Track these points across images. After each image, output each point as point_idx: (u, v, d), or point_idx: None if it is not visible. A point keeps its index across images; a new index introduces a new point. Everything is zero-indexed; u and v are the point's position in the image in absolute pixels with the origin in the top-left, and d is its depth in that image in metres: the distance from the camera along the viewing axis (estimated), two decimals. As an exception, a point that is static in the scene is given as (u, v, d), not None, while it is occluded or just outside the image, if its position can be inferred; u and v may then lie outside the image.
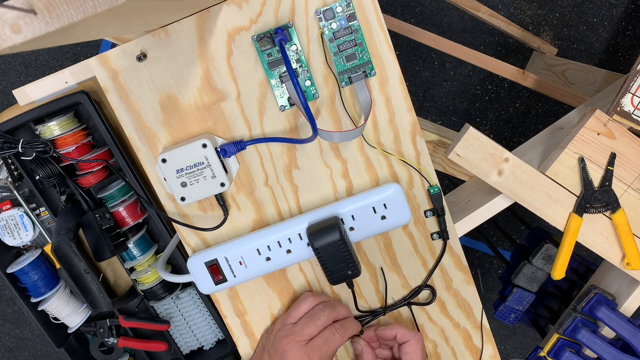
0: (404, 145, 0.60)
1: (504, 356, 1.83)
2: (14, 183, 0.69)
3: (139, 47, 0.55)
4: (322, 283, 0.64)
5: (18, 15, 0.24)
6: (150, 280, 0.71)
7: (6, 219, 0.69)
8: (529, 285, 1.00)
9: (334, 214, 0.59)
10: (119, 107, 0.57)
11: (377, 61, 0.57)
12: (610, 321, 0.69)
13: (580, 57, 1.56)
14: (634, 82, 0.65)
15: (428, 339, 0.67)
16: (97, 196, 0.68)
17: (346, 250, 0.57)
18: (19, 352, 1.94)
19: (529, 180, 0.64)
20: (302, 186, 0.61)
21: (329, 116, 0.58)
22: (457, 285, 0.65)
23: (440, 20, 1.57)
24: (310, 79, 0.57)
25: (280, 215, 0.62)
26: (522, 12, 1.54)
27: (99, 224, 0.65)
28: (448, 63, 1.59)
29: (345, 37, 0.55)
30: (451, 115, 1.64)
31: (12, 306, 1.89)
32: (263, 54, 0.56)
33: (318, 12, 0.54)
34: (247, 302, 0.65)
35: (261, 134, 0.59)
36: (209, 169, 0.57)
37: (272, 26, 0.55)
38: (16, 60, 1.64)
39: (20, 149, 0.61)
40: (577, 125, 0.66)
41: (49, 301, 0.71)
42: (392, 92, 0.58)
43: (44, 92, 0.61)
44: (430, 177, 0.61)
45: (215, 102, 0.58)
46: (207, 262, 0.60)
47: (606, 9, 1.52)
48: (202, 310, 0.76)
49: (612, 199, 0.66)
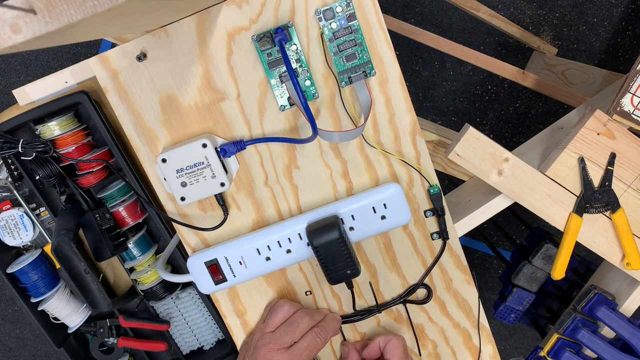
0: (404, 145, 0.60)
1: (504, 356, 1.83)
2: (14, 183, 0.69)
3: (139, 47, 0.55)
4: (322, 283, 0.64)
5: (18, 15, 0.24)
6: (150, 280, 0.71)
7: (6, 219, 0.69)
8: (529, 285, 1.01)
9: (333, 214, 0.59)
10: (119, 107, 0.57)
11: (377, 61, 0.57)
12: (610, 321, 0.69)
13: (580, 57, 1.56)
14: (634, 82, 0.65)
15: (428, 338, 0.67)
16: (97, 196, 0.68)
17: (345, 250, 0.57)
18: (19, 352, 1.94)
19: (529, 180, 0.64)
20: (302, 186, 0.61)
21: (329, 116, 0.58)
22: (457, 285, 0.65)
23: (440, 20, 1.57)
24: (310, 79, 0.57)
25: (280, 215, 0.62)
26: (522, 12, 1.54)
27: (99, 224, 0.66)
28: (448, 63, 1.59)
29: (345, 37, 0.55)
30: (451, 115, 1.64)
31: (12, 306, 1.89)
32: (263, 53, 0.56)
33: (318, 12, 0.54)
34: (247, 302, 0.65)
35: (261, 133, 0.59)
36: (209, 168, 0.57)
37: (272, 26, 0.55)
38: (16, 60, 1.64)
39: (20, 149, 0.61)
40: (577, 125, 0.66)
41: (49, 301, 0.72)
42: (392, 92, 0.58)
43: (44, 92, 0.61)
44: (430, 177, 0.61)
45: (215, 102, 0.58)
46: (207, 262, 0.60)
47: (606, 9, 1.52)
48: (202, 310, 0.76)
49: (612, 199, 0.66)
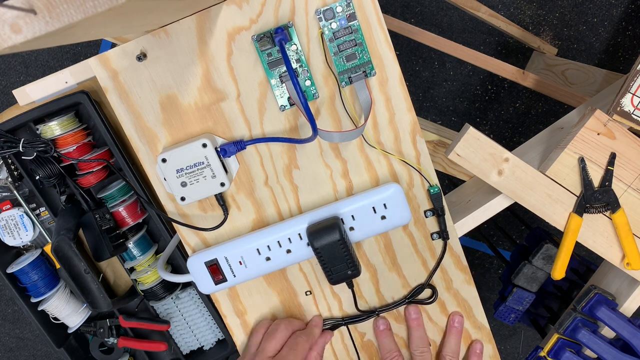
0: (404, 145, 0.59)
1: (504, 356, 1.83)
2: (14, 183, 0.69)
3: (139, 47, 0.55)
4: (322, 283, 0.64)
5: (18, 15, 0.24)
6: (150, 280, 0.71)
7: (6, 219, 0.69)
8: (529, 285, 1.00)
9: (334, 214, 0.59)
10: (119, 107, 0.57)
11: (377, 61, 0.57)
12: (610, 321, 0.69)
13: (580, 57, 1.56)
14: (634, 82, 0.65)
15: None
16: (97, 196, 0.68)
17: (346, 250, 0.57)
18: (19, 352, 1.94)
19: (529, 180, 0.64)
20: (302, 186, 0.61)
21: (329, 116, 0.58)
22: (457, 285, 0.65)
23: (440, 20, 1.57)
24: (310, 79, 0.57)
25: (280, 215, 0.62)
26: (522, 12, 1.54)
27: (99, 224, 0.66)
28: (448, 63, 1.59)
29: (345, 37, 0.55)
30: (451, 115, 1.64)
31: (12, 306, 1.89)
32: (263, 53, 0.56)
33: (318, 12, 0.54)
34: (247, 302, 0.65)
35: (261, 133, 0.59)
36: (209, 168, 0.57)
37: (272, 26, 0.55)
38: (16, 60, 1.64)
39: (22, 148, 0.61)
40: (577, 125, 0.66)
41: (49, 301, 0.71)
42: (392, 92, 0.58)
43: (44, 92, 0.61)
44: (430, 177, 0.61)
45: (215, 102, 0.58)
46: (207, 262, 0.60)
47: (606, 9, 1.52)
48: (202, 310, 0.76)
49: (612, 199, 0.65)
